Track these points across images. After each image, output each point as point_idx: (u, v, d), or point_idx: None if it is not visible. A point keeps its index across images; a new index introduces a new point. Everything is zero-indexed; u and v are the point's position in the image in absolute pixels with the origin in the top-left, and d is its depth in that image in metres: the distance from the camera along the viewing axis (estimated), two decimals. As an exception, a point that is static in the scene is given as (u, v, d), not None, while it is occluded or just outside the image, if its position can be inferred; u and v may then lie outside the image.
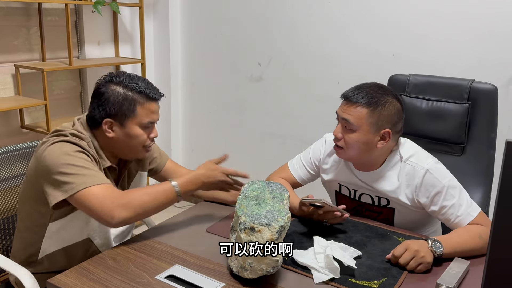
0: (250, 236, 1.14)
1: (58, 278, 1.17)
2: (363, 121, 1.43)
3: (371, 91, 1.45)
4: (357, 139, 1.44)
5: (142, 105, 1.37)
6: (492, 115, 1.78)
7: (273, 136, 3.06)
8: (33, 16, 2.58)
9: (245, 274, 1.16)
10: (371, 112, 1.43)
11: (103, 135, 1.39)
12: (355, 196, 1.61)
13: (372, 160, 1.51)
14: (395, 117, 1.45)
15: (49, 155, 1.29)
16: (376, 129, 1.44)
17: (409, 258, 1.25)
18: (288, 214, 1.17)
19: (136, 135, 1.39)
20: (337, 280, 1.19)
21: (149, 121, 1.40)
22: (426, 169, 1.44)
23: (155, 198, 1.32)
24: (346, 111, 1.47)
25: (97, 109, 1.37)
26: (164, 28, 3.22)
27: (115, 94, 1.36)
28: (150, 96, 1.38)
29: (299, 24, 2.80)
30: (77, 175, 1.26)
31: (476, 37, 2.30)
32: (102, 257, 1.27)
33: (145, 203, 1.30)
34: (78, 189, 1.25)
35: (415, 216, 1.53)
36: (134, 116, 1.37)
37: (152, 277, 1.19)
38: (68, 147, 1.31)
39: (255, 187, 1.31)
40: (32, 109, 2.68)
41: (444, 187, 1.42)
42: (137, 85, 1.37)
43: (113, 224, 1.26)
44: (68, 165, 1.27)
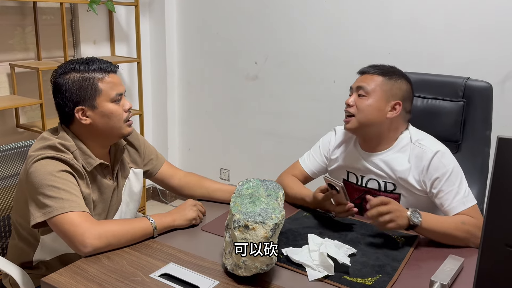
0: (244, 234, 1.14)
1: (52, 277, 1.17)
2: (377, 87, 1.53)
3: (385, 66, 1.59)
4: (370, 104, 1.52)
5: (102, 79, 1.36)
6: (487, 112, 1.78)
7: (270, 135, 3.06)
8: (28, 15, 2.57)
9: (239, 272, 1.16)
10: (386, 80, 1.54)
11: (82, 127, 1.38)
12: (362, 182, 1.64)
13: (381, 136, 1.56)
14: (406, 94, 1.56)
15: (34, 172, 1.29)
16: (388, 97, 1.53)
17: (385, 211, 1.32)
18: (282, 212, 1.17)
19: (111, 111, 1.37)
20: (331, 278, 1.19)
21: (117, 93, 1.38)
22: (434, 152, 1.50)
23: (132, 232, 1.32)
24: (361, 80, 1.57)
25: (64, 103, 1.36)
26: (160, 27, 3.22)
27: (73, 80, 1.35)
28: (106, 70, 1.38)
29: (295, 22, 2.80)
30: (56, 198, 1.26)
31: (471, 35, 2.30)
32: (96, 256, 1.27)
33: (120, 235, 1.29)
34: (55, 213, 1.25)
35: (420, 204, 1.55)
36: (100, 93, 1.36)
37: (147, 275, 1.19)
38: (53, 165, 1.29)
39: (249, 185, 1.31)
40: (28, 108, 2.68)
41: (447, 172, 1.48)
42: (89, 65, 1.36)
43: (85, 252, 1.24)
44: (50, 187, 1.26)
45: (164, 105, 3.37)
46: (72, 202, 1.27)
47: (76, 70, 1.36)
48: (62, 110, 1.38)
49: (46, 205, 1.26)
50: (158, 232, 1.38)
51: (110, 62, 1.42)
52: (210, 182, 1.71)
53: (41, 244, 1.40)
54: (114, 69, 1.41)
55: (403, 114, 1.56)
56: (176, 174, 1.68)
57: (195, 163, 3.48)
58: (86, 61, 1.38)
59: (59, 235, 1.28)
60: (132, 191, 1.54)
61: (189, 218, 1.44)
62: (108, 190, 1.44)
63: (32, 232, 1.40)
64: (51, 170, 1.28)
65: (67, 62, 1.39)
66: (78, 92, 1.35)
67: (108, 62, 1.41)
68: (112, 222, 1.34)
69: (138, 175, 1.57)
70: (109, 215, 1.48)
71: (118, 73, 1.43)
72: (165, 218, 1.40)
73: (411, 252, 1.34)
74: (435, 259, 1.30)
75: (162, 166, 1.66)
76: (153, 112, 3.45)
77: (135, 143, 1.57)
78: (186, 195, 1.69)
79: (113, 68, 1.41)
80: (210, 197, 1.67)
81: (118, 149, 1.49)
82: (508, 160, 0.79)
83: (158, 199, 3.53)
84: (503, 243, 0.82)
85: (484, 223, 0.84)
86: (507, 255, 0.81)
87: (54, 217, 1.25)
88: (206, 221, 1.52)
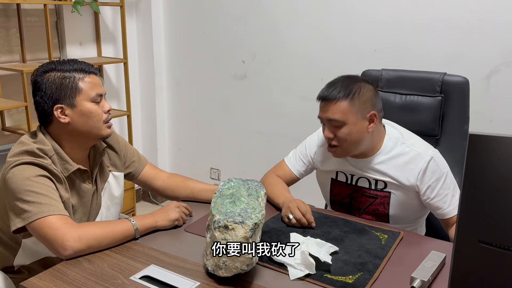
0: (224, 234, 1.13)
1: (31, 281, 1.16)
2: (347, 113, 1.46)
3: (342, 83, 1.49)
4: (349, 132, 1.48)
5: (83, 79, 1.36)
6: (464, 107, 1.79)
7: (258, 133, 3.06)
8: (12, 17, 2.55)
9: (220, 273, 1.15)
10: (351, 101, 1.46)
11: (60, 127, 1.37)
12: (352, 181, 1.63)
13: (368, 147, 1.55)
14: (373, 98, 1.51)
15: (12, 178, 1.27)
16: (361, 115, 1.48)
17: None
18: (262, 211, 1.17)
19: (90, 111, 1.37)
20: (313, 276, 1.19)
21: (97, 93, 1.38)
22: (431, 156, 1.50)
23: (112, 235, 1.31)
24: (328, 111, 1.49)
25: (42, 101, 1.35)
26: (147, 27, 3.20)
27: (53, 79, 1.34)
28: (87, 70, 1.38)
29: (282, 21, 2.79)
30: (34, 203, 1.25)
31: (455, 31, 2.30)
32: (77, 259, 1.25)
33: (100, 237, 1.28)
34: (34, 218, 1.24)
35: (410, 202, 1.56)
36: (80, 92, 1.35)
37: (127, 277, 1.18)
38: (30, 170, 1.28)
39: (230, 185, 1.31)
40: (13, 111, 2.66)
41: (443, 175, 1.50)
42: (70, 65, 1.36)
43: (65, 255, 1.23)
44: (28, 192, 1.25)
45: (153, 105, 3.36)
46: (50, 206, 1.26)
47: (57, 69, 1.36)
48: (41, 108, 1.37)
49: (24, 210, 1.25)
50: (140, 233, 1.37)
51: (91, 64, 1.41)
52: (195, 182, 1.70)
53: (22, 248, 1.39)
54: (95, 71, 1.41)
55: (379, 116, 1.53)
56: (159, 176, 1.68)
57: (185, 163, 3.47)
58: (67, 62, 1.38)
59: (39, 239, 1.27)
60: (112, 194, 1.53)
61: (172, 218, 1.44)
62: (87, 194, 1.43)
63: (13, 236, 1.38)
64: (29, 175, 1.27)
65: (48, 62, 1.39)
66: (58, 90, 1.34)
67: (90, 64, 1.41)
68: (92, 225, 1.33)
69: (119, 178, 1.56)
70: (90, 219, 1.47)
71: (99, 77, 1.43)
72: (147, 219, 1.40)
73: (393, 249, 1.34)
74: (418, 255, 1.30)
75: (144, 168, 1.65)
76: (141, 112, 3.44)
77: (115, 146, 1.56)
78: (170, 196, 1.69)
79: (93, 69, 1.40)
80: (194, 197, 1.67)
81: (97, 152, 1.48)
82: (479, 157, 0.79)
83: (149, 200, 3.52)
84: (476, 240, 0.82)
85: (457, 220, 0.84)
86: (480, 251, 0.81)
87: (33, 222, 1.24)
88: (190, 221, 1.51)
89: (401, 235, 1.42)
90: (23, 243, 1.38)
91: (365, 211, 1.61)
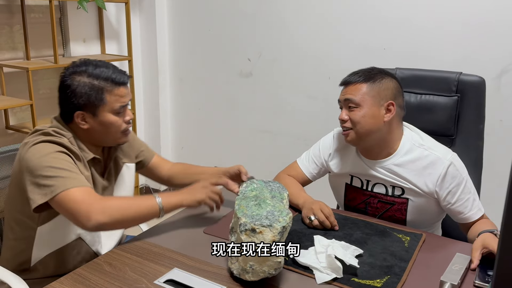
0: (251, 237, 1.11)
1: (53, 285, 1.13)
2: (364, 95, 1.47)
3: (366, 71, 1.52)
4: (364, 114, 1.47)
5: (110, 92, 1.33)
6: (480, 106, 1.78)
7: (264, 132, 3.04)
8: (16, 14, 2.50)
9: (247, 277, 1.13)
10: (370, 85, 1.48)
11: (79, 127, 1.36)
12: (368, 186, 1.60)
13: (382, 141, 1.52)
14: (394, 91, 1.51)
15: (31, 156, 1.26)
16: (379, 101, 1.48)
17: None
18: (289, 214, 1.15)
19: (110, 123, 1.36)
20: (340, 280, 1.17)
21: (120, 105, 1.36)
22: (450, 161, 1.48)
23: (137, 209, 1.29)
24: (347, 92, 1.51)
25: (66, 103, 1.34)
26: (151, 23, 3.16)
27: (80, 85, 1.31)
28: (117, 82, 1.34)
29: (289, 18, 2.77)
30: (57, 177, 1.23)
31: (467, 30, 2.30)
32: (97, 263, 1.23)
33: (124, 211, 1.27)
34: (57, 191, 1.22)
35: (428, 208, 1.54)
36: (104, 104, 1.33)
37: (151, 282, 1.15)
38: (49, 147, 1.27)
39: (253, 186, 1.28)
40: (17, 109, 2.61)
41: (463, 180, 1.48)
42: (102, 72, 1.33)
43: (89, 227, 1.22)
44: (49, 168, 1.24)
45: (156, 103, 3.32)
46: (73, 179, 1.25)
47: (88, 73, 1.32)
48: (63, 108, 1.37)
49: (46, 185, 1.23)
50: (164, 212, 1.33)
51: (124, 72, 1.37)
52: (195, 167, 1.71)
53: (38, 236, 1.36)
54: (126, 81, 1.37)
55: (398, 111, 1.52)
56: (165, 165, 1.69)
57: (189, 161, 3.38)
58: (99, 66, 1.34)
59: (62, 213, 1.26)
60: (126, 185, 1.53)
61: (197, 199, 1.39)
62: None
63: (29, 226, 1.35)
64: (48, 152, 1.26)
65: (81, 62, 1.36)
66: (82, 98, 1.32)
67: (122, 72, 1.37)
68: (116, 198, 1.32)
69: (131, 169, 1.56)
70: None
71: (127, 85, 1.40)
72: (173, 197, 1.36)
73: (417, 251, 1.33)
74: (442, 258, 1.29)
75: (153, 157, 1.66)
76: (145, 110, 3.40)
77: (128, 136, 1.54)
78: (177, 184, 1.69)
79: (124, 80, 1.37)
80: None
81: (112, 147, 1.48)
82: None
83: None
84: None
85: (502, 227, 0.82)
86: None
87: (56, 196, 1.22)
88: (208, 223, 1.49)
89: (423, 237, 1.40)
90: (38, 231, 1.35)
91: (381, 217, 1.59)
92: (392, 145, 1.54)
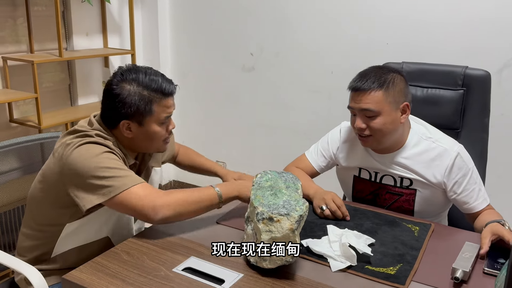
0: (269, 226, 1.13)
1: (73, 274, 1.15)
2: (383, 103, 1.46)
3: (376, 74, 1.49)
4: (384, 122, 1.47)
5: (159, 103, 1.34)
6: (485, 100, 1.82)
7: (266, 126, 3.05)
8: (20, 6, 2.50)
9: (264, 264, 1.15)
10: (386, 92, 1.46)
11: (122, 134, 1.37)
12: (376, 178, 1.63)
13: (397, 139, 1.55)
14: (405, 89, 1.52)
15: (77, 158, 1.26)
16: (395, 106, 1.48)
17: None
18: (305, 204, 1.17)
19: (155, 133, 1.37)
20: (354, 268, 1.20)
21: (166, 116, 1.38)
22: (457, 152, 1.51)
23: (198, 200, 1.31)
24: (362, 101, 1.47)
25: (113, 111, 1.34)
26: (153, 18, 3.16)
27: (130, 94, 1.31)
28: (166, 92, 1.35)
29: (291, 13, 2.78)
30: (114, 177, 1.25)
31: (468, 24, 2.33)
32: (115, 252, 1.25)
33: (187, 204, 1.30)
34: (118, 191, 1.24)
35: (436, 199, 1.57)
36: (151, 115, 1.34)
37: (169, 269, 1.17)
38: (96, 149, 1.27)
39: (268, 177, 1.31)
40: (20, 102, 2.61)
41: (469, 170, 1.51)
42: (151, 81, 1.32)
43: (156, 220, 1.25)
44: (102, 168, 1.25)
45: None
46: (130, 178, 1.27)
47: (137, 82, 1.32)
48: (109, 114, 1.36)
49: (103, 186, 1.24)
50: (223, 203, 1.36)
51: (171, 82, 1.38)
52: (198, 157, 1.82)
53: (65, 231, 1.36)
54: (174, 92, 1.38)
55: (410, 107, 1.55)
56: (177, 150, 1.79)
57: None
58: (149, 75, 1.33)
59: (123, 211, 1.29)
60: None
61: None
62: None
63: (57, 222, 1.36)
64: (96, 153, 1.27)
65: (130, 69, 1.35)
66: (131, 108, 1.32)
67: (170, 81, 1.37)
68: (178, 191, 1.32)
69: (158, 173, 1.59)
70: None
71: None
72: (231, 188, 1.38)
73: (427, 240, 1.36)
74: (451, 246, 1.33)
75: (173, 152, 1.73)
76: (146, 104, 3.40)
77: None
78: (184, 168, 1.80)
79: (174, 90, 1.38)
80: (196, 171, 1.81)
81: (147, 153, 1.51)
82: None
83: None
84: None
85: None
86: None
87: (116, 196, 1.24)
88: (220, 213, 1.51)
89: (432, 227, 1.44)
90: (66, 227, 1.36)
91: (389, 208, 1.62)
92: (401, 139, 1.56)
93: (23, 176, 1.66)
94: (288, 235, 1.12)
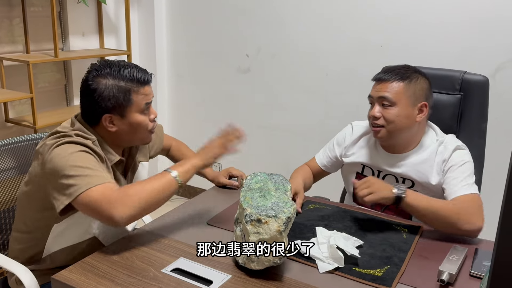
0: (257, 227, 1.14)
1: (62, 274, 1.16)
2: (401, 95, 1.49)
3: (401, 69, 1.53)
4: (398, 114, 1.49)
5: (137, 92, 1.35)
6: (483, 105, 1.82)
7: (262, 127, 3.06)
8: (16, 7, 2.51)
9: (252, 266, 1.16)
10: (407, 85, 1.49)
11: (105, 130, 1.37)
12: (378, 177, 1.64)
13: (409, 139, 1.56)
14: (428, 92, 1.54)
15: (54, 158, 1.25)
16: (413, 101, 1.50)
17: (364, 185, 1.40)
18: (293, 206, 1.18)
19: (138, 123, 1.38)
20: (342, 269, 1.21)
21: (146, 102, 1.38)
22: (456, 146, 1.53)
23: (155, 189, 1.26)
24: (381, 89, 1.51)
25: (93, 107, 1.34)
26: (149, 18, 3.18)
27: (108, 88, 1.32)
28: (142, 81, 1.36)
29: (287, 15, 2.79)
30: (80, 176, 1.21)
31: (462, 28, 2.34)
32: (105, 252, 1.26)
33: (147, 197, 1.24)
34: (80, 191, 1.20)
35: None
36: (131, 105, 1.35)
37: (158, 270, 1.18)
38: (71, 148, 1.26)
39: (258, 179, 1.32)
40: (16, 102, 2.62)
41: (462, 161, 1.51)
42: (126, 72, 1.34)
43: (115, 223, 1.20)
44: (72, 167, 1.22)
45: (154, 98, 3.30)
46: (96, 177, 1.22)
47: (112, 75, 1.33)
48: (89, 112, 1.36)
49: (70, 185, 1.21)
50: (183, 180, 1.31)
51: (146, 71, 1.39)
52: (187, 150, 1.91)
53: (52, 232, 1.36)
54: (150, 80, 1.39)
55: (429, 111, 1.56)
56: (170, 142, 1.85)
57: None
58: (123, 67, 1.34)
59: (86, 213, 1.24)
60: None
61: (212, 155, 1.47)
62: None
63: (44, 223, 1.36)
64: (71, 151, 1.25)
65: (103, 64, 1.36)
66: (110, 101, 1.32)
67: (144, 71, 1.38)
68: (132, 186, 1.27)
69: (146, 167, 1.60)
70: None
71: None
72: (185, 165, 1.35)
73: (415, 243, 1.37)
74: (439, 249, 1.34)
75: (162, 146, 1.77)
76: (142, 105, 3.41)
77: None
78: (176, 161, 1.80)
79: (149, 78, 1.38)
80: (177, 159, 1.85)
81: (133, 147, 1.51)
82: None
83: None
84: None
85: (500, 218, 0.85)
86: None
87: (79, 196, 1.20)
88: (211, 215, 1.52)
89: (421, 229, 1.45)
90: (53, 228, 1.36)
91: (388, 208, 1.63)
92: (413, 140, 1.58)
93: (18, 176, 1.67)
94: (276, 237, 1.13)
